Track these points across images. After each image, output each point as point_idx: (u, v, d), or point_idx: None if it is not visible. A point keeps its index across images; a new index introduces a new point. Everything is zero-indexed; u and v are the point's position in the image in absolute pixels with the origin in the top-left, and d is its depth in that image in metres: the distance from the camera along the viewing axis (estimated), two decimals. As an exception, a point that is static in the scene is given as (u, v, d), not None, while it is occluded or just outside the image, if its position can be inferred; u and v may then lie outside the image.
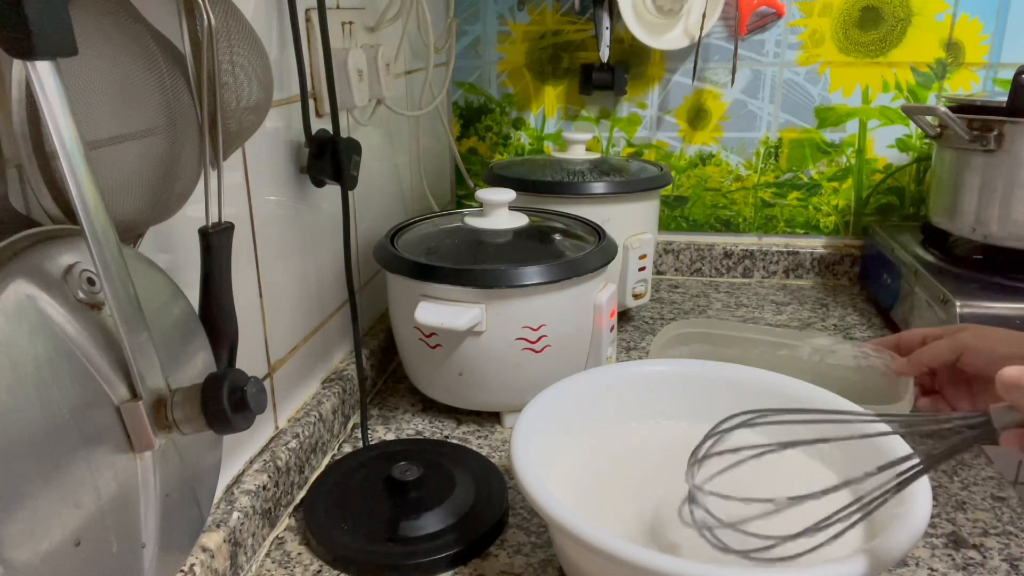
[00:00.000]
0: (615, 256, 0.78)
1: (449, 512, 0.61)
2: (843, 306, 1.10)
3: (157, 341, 0.38)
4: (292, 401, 0.70)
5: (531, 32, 1.19)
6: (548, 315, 0.72)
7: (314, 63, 0.70)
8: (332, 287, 0.78)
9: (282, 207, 0.67)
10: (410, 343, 0.77)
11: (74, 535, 0.35)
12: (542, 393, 0.60)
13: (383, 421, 0.80)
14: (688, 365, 0.66)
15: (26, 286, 0.33)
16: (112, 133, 0.38)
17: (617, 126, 1.22)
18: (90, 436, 0.36)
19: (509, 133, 1.25)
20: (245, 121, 0.49)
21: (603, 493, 0.56)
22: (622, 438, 0.63)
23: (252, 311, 0.62)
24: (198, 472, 0.45)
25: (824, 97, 1.15)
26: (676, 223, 1.25)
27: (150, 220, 0.43)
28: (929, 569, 0.57)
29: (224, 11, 0.46)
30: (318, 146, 0.69)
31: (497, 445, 0.74)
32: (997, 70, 1.10)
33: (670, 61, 1.17)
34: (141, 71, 0.40)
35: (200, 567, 0.49)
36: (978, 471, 0.70)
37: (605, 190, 0.94)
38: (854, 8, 1.10)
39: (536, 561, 0.58)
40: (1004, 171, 0.91)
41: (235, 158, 0.58)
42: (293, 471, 0.64)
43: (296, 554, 0.60)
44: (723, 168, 1.21)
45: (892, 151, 1.16)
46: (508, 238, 0.79)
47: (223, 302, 0.48)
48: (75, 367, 0.35)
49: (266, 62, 0.50)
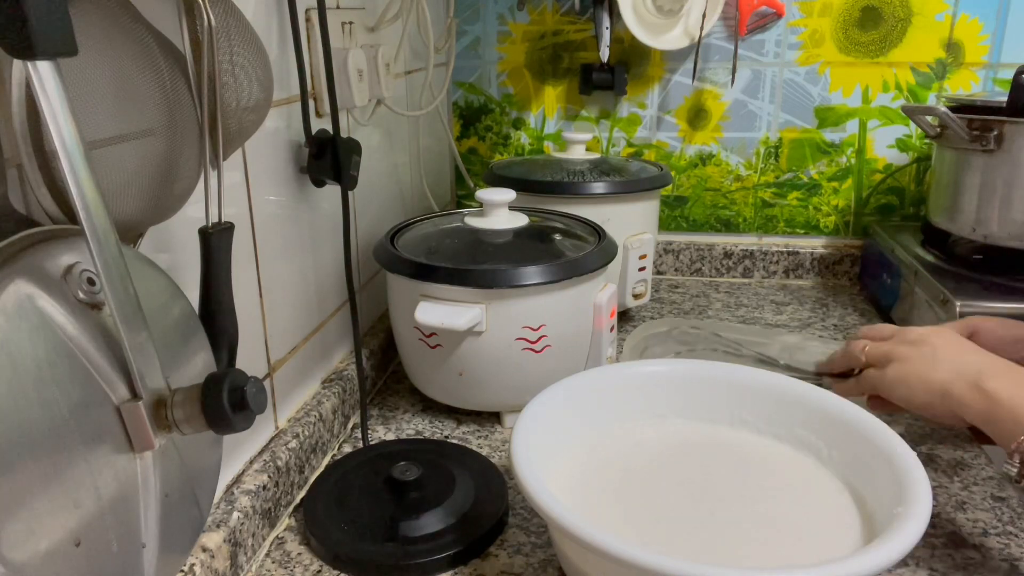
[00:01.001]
0: (615, 256, 0.78)
1: (449, 512, 0.61)
2: (843, 306, 1.10)
3: (157, 341, 0.38)
4: (292, 401, 0.70)
5: (531, 32, 1.19)
6: (548, 315, 0.72)
7: (314, 63, 0.70)
8: (332, 287, 0.78)
9: (282, 207, 0.67)
10: (410, 343, 0.77)
11: (74, 535, 0.35)
12: (542, 393, 0.60)
13: (383, 421, 0.80)
14: (688, 365, 0.66)
15: (26, 286, 0.33)
16: (112, 133, 0.38)
17: (617, 126, 1.22)
18: (90, 436, 0.36)
19: (509, 133, 1.25)
20: (245, 121, 0.49)
21: (603, 493, 0.56)
22: (622, 438, 0.63)
23: (252, 311, 0.62)
24: (198, 472, 0.45)
25: (824, 97, 1.15)
26: (676, 223, 1.25)
27: (150, 220, 0.43)
28: (929, 569, 0.57)
29: (224, 11, 0.46)
30: (318, 146, 0.69)
31: (497, 445, 0.74)
32: (997, 70, 1.10)
33: (670, 61, 1.17)
34: (141, 71, 0.40)
35: (200, 567, 0.49)
36: (978, 471, 0.70)
37: (605, 190, 0.94)
38: (854, 8, 1.10)
39: (536, 561, 0.58)
40: (1004, 171, 0.91)
41: (235, 158, 0.58)
42: (293, 471, 0.64)
43: (296, 554, 0.60)
44: (723, 168, 1.21)
45: (892, 151, 1.16)
46: (508, 238, 0.79)
47: (223, 302, 0.48)
48: (75, 367, 0.35)
49: (266, 62, 0.50)
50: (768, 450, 0.61)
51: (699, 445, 0.62)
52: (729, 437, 0.63)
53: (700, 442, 0.62)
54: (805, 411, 0.60)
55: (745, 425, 0.63)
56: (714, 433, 0.63)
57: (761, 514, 0.54)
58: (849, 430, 0.57)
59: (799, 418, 0.61)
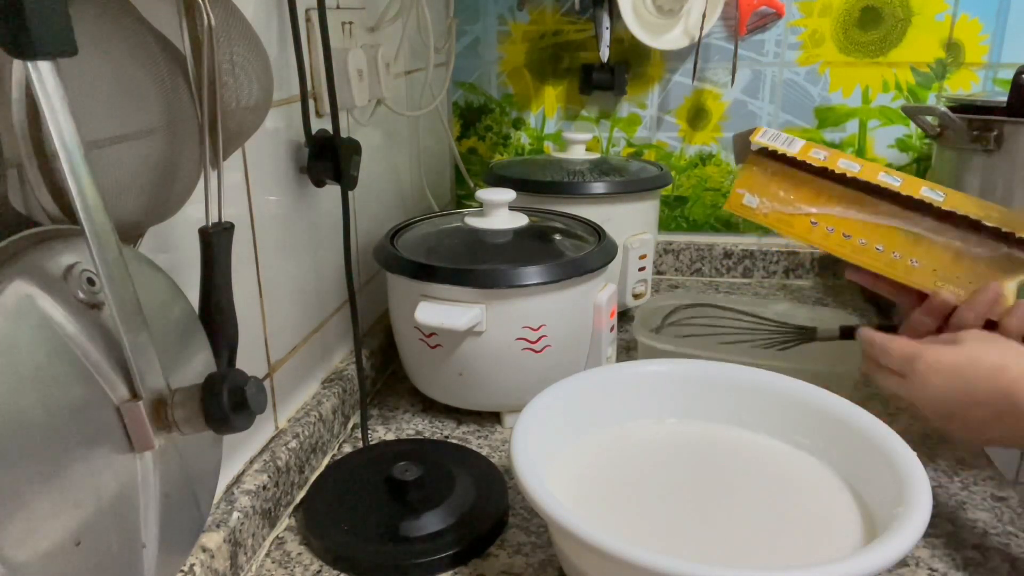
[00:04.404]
0: (615, 256, 0.78)
1: (449, 512, 0.61)
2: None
3: (157, 341, 0.38)
4: (292, 401, 0.70)
5: (531, 32, 1.19)
6: (548, 315, 0.72)
7: (314, 63, 0.70)
8: (332, 287, 0.78)
9: (282, 207, 0.67)
10: (410, 343, 0.77)
11: (74, 535, 0.35)
12: (542, 393, 0.60)
13: (383, 421, 0.80)
14: (688, 365, 0.66)
15: (26, 286, 0.33)
16: (112, 133, 0.38)
17: (617, 126, 1.22)
18: (90, 436, 0.36)
19: (509, 133, 1.25)
20: (245, 121, 0.49)
21: (603, 493, 0.57)
22: (622, 438, 0.63)
23: (252, 311, 0.62)
24: (198, 472, 0.45)
25: (824, 97, 1.15)
26: (676, 223, 1.25)
27: (150, 220, 0.43)
28: (929, 569, 0.57)
29: (224, 11, 0.46)
30: (318, 146, 0.69)
31: (497, 445, 0.74)
32: (997, 70, 1.10)
33: (670, 61, 1.17)
34: (141, 71, 0.40)
35: (200, 567, 0.49)
36: (978, 471, 0.70)
37: (605, 190, 0.94)
38: (854, 8, 1.10)
39: (536, 561, 0.58)
40: (1004, 171, 0.91)
41: (235, 158, 0.58)
42: (293, 471, 0.64)
43: (296, 554, 0.60)
44: (723, 168, 1.21)
45: (892, 151, 1.16)
46: (508, 238, 0.79)
47: (223, 302, 0.48)
48: (75, 367, 0.35)
49: (266, 62, 0.50)
50: (768, 450, 0.61)
51: (699, 445, 0.62)
52: (729, 437, 0.63)
53: (700, 442, 0.62)
54: (805, 411, 0.60)
55: (745, 425, 0.63)
56: (714, 433, 0.63)
57: (761, 514, 0.54)
58: (849, 430, 0.57)
59: (799, 418, 0.61)
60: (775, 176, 0.69)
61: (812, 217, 0.68)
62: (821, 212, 0.67)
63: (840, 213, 0.67)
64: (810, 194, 0.68)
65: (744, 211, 0.70)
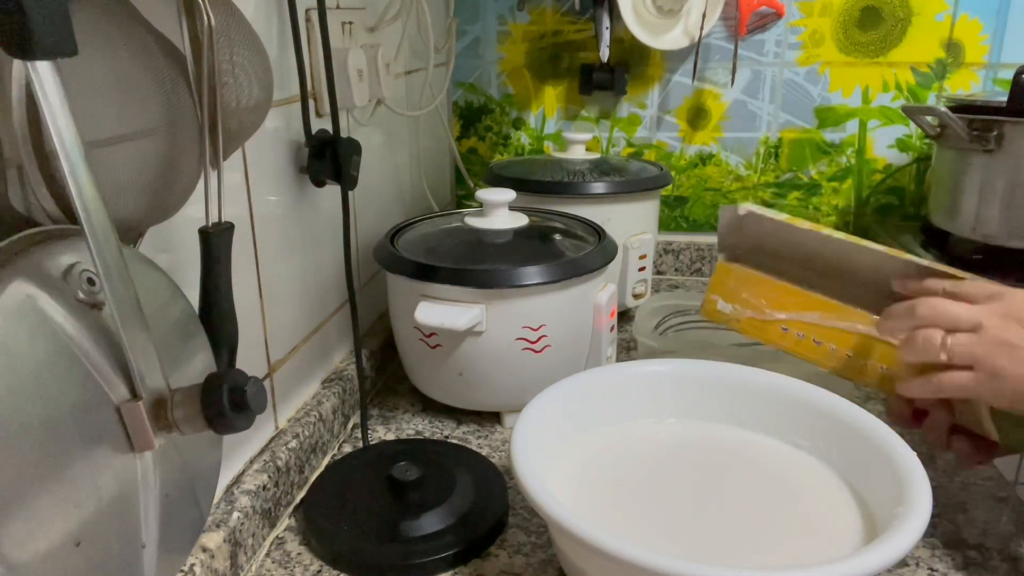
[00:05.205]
0: (615, 256, 0.78)
1: (449, 512, 0.61)
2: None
3: (157, 341, 0.38)
4: (292, 401, 0.70)
5: (531, 32, 1.19)
6: (548, 315, 0.72)
7: (314, 63, 0.70)
8: (332, 287, 0.78)
9: (282, 207, 0.67)
10: (410, 343, 0.77)
11: (74, 535, 0.35)
12: (542, 393, 0.60)
13: (383, 421, 0.80)
14: (688, 365, 0.66)
15: (26, 286, 0.33)
16: (112, 133, 0.38)
17: (617, 126, 1.22)
18: (90, 436, 0.36)
19: (509, 133, 1.25)
20: (245, 121, 0.49)
21: (603, 493, 0.57)
22: (622, 438, 0.63)
23: (252, 311, 0.62)
24: (198, 472, 0.45)
25: (824, 97, 1.15)
26: (676, 223, 1.25)
27: (150, 220, 0.43)
28: (929, 569, 0.57)
29: (224, 11, 0.46)
30: (318, 146, 0.69)
31: (497, 445, 0.74)
32: (997, 70, 1.10)
33: (670, 61, 1.17)
34: (141, 71, 0.40)
35: (200, 567, 0.49)
36: (978, 471, 0.70)
37: (605, 190, 0.94)
38: (854, 8, 1.10)
39: (536, 561, 0.58)
40: (1004, 171, 0.91)
41: (235, 158, 0.58)
42: (293, 471, 0.64)
43: (296, 554, 0.60)
44: (723, 168, 1.21)
45: (892, 151, 1.16)
46: (508, 238, 0.79)
47: (223, 302, 0.48)
48: (75, 367, 0.35)
49: (266, 62, 0.50)
50: (768, 450, 0.61)
51: (699, 445, 0.62)
52: (729, 437, 0.63)
53: (700, 442, 0.62)
54: (805, 410, 0.60)
55: (745, 425, 0.63)
56: (714, 433, 0.63)
57: (761, 514, 0.54)
58: (849, 430, 0.57)
59: (799, 418, 0.61)
60: (742, 281, 0.69)
61: (782, 323, 0.67)
62: (790, 318, 0.67)
63: (809, 319, 0.66)
64: (777, 298, 0.67)
65: (719, 317, 0.70)
